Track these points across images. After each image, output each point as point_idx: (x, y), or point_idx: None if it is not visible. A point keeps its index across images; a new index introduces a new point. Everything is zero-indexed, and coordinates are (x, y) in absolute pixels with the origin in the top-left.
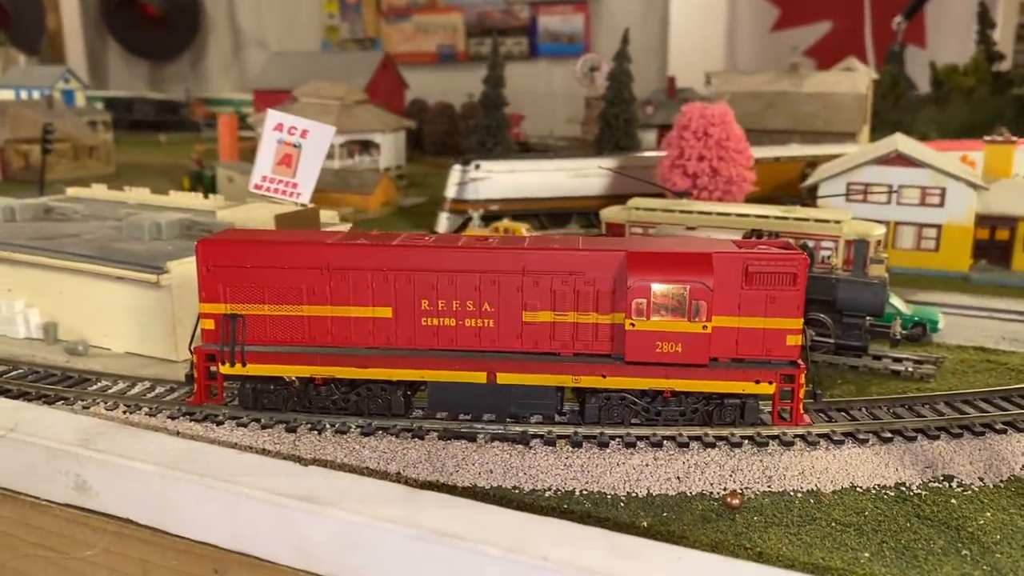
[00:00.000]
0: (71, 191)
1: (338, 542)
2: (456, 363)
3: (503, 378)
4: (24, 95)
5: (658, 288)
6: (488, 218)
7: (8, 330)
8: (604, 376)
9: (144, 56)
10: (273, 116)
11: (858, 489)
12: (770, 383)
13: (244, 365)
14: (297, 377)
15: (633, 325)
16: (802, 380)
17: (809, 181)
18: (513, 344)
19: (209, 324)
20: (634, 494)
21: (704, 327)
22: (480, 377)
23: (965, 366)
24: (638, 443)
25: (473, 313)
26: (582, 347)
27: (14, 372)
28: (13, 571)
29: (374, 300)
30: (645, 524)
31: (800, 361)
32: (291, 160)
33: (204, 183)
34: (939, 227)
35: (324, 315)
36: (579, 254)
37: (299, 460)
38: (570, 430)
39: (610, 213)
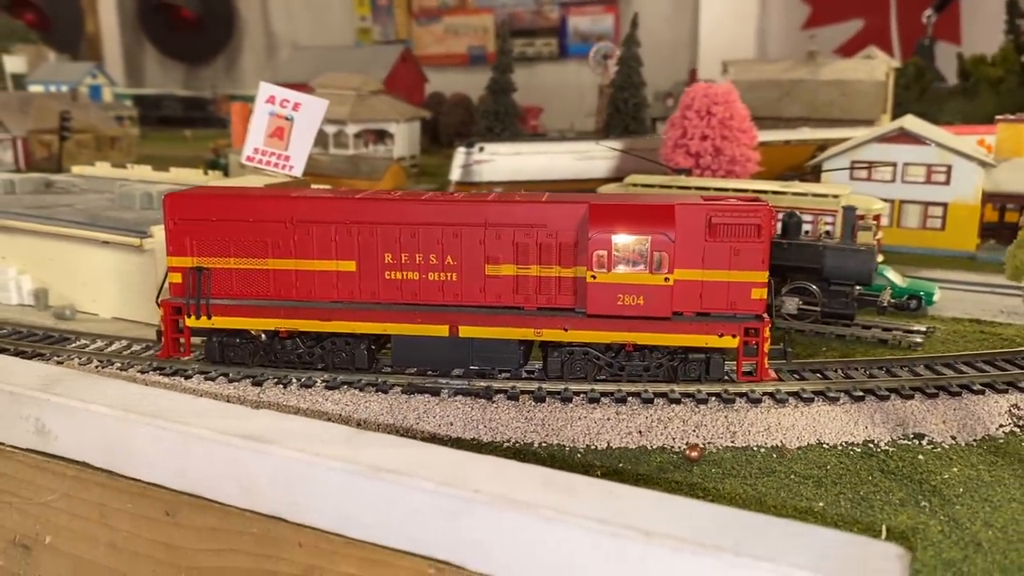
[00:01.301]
0: (76, 169)
1: (280, 480)
2: (418, 316)
3: (465, 331)
4: (53, 90)
5: (619, 240)
6: None
7: (2, 296)
8: (566, 330)
9: (179, 58)
10: (265, 88)
11: (824, 445)
12: (733, 336)
13: (209, 318)
14: (263, 331)
15: (594, 277)
16: (767, 334)
17: (814, 160)
18: (476, 298)
19: (176, 278)
20: (593, 447)
21: (666, 279)
22: (442, 331)
23: (957, 336)
24: (602, 399)
25: (436, 267)
26: (545, 301)
27: None
28: None
29: (338, 253)
30: (599, 473)
31: (765, 315)
32: (283, 133)
33: (219, 169)
34: (945, 205)
35: (288, 268)
36: (541, 206)
37: (252, 404)
38: (534, 385)
39: (608, 190)
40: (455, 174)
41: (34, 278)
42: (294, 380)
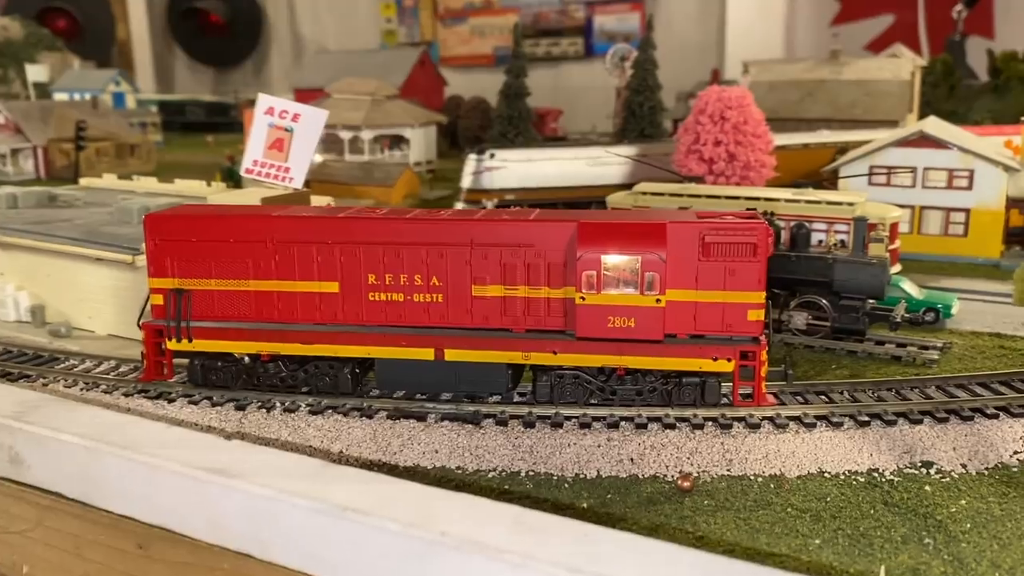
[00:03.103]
0: (83, 181)
1: (246, 515)
2: (403, 339)
3: (451, 354)
4: (77, 98)
5: (609, 260)
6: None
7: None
8: (555, 353)
9: (208, 63)
10: (264, 100)
11: (826, 474)
12: (728, 360)
13: (190, 341)
14: (245, 354)
15: (584, 299)
16: (763, 357)
17: (831, 165)
18: (463, 320)
19: (158, 299)
20: (582, 475)
21: (658, 300)
22: (428, 354)
23: (975, 352)
24: (594, 424)
25: (421, 288)
26: (534, 323)
27: None
28: None
29: (320, 274)
30: (585, 506)
31: (762, 337)
32: (283, 144)
33: (234, 177)
34: (967, 211)
35: (270, 290)
36: (528, 225)
37: (224, 433)
38: (524, 410)
39: (616, 199)
40: (466, 181)
41: (32, 294)
42: (277, 404)
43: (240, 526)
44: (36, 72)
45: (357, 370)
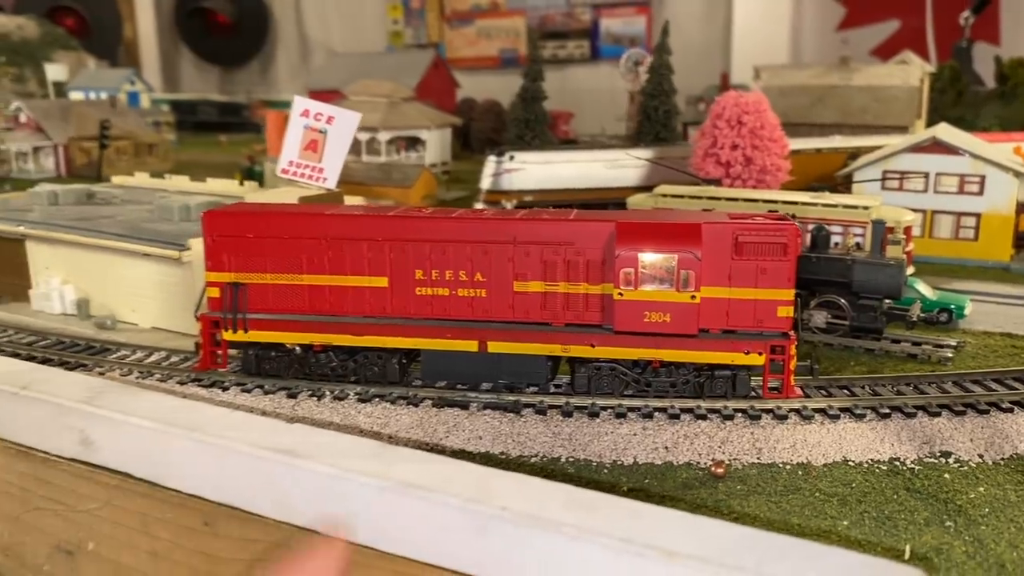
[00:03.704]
0: (116, 179)
1: (313, 493)
2: (448, 332)
3: (494, 347)
4: (92, 96)
5: (646, 258)
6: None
7: (45, 306)
8: (593, 346)
9: (215, 62)
10: (300, 102)
11: (850, 463)
12: (759, 354)
13: (246, 332)
14: (297, 344)
15: (621, 295)
16: (792, 351)
17: (845, 170)
18: (505, 314)
19: (214, 292)
20: (619, 462)
21: (693, 297)
22: (472, 346)
23: (988, 351)
24: (629, 414)
25: (466, 283)
26: (572, 317)
27: (43, 342)
28: (26, 524)
29: (370, 270)
30: (626, 489)
31: (791, 332)
32: (317, 145)
33: (254, 176)
34: (978, 216)
35: (322, 284)
36: (569, 224)
37: (286, 417)
38: (562, 400)
39: (637, 200)
40: (485, 183)
41: (76, 288)
42: (327, 393)
43: (306, 503)
44: (55, 71)
45: (404, 360)
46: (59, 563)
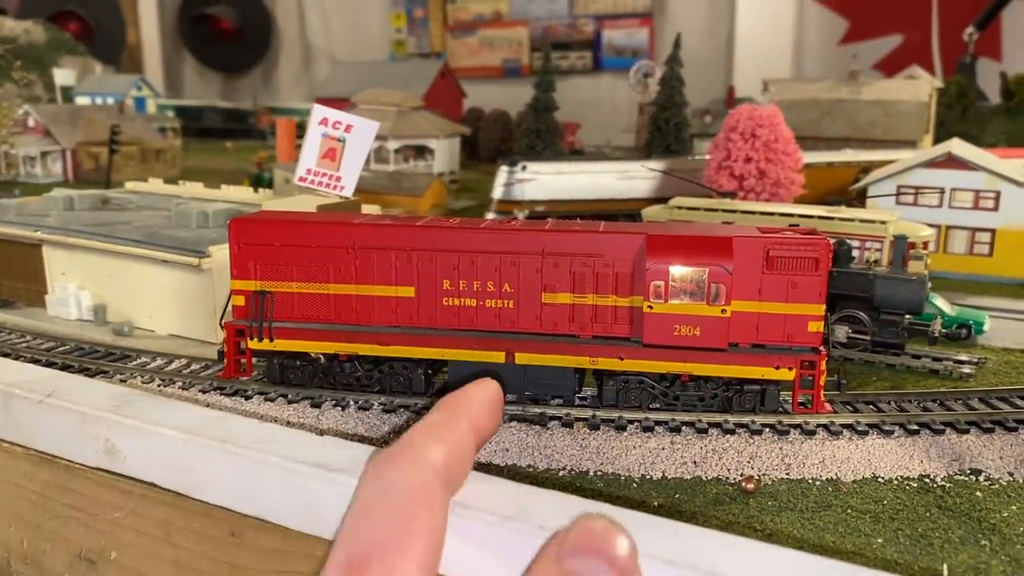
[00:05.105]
0: (129, 185)
1: (345, 507)
2: (475, 343)
3: (521, 358)
4: (99, 102)
5: (676, 271)
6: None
7: (61, 311)
8: (622, 359)
9: (218, 69)
10: (318, 111)
11: (880, 479)
12: (790, 369)
13: (271, 340)
14: (322, 353)
15: (651, 308)
16: (823, 367)
17: (859, 184)
18: (532, 325)
19: (239, 300)
20: (648, 476)
21: (723, 311)
22: (499, 357)
23: (1009, 367)
24: (656, 428)
25: (493, 294)
26: (601, 329)
27: (62, 348)
28: (48, 531)
29: (397, 279)
30: (656, 504)
31: (822, 348)
32: (335, 154)
33: (263, 184)
34: (993, 231)
35: (349, 293)
36: (599, 236)
37: (317, 429)
38: (589, 413)
39: (652, 212)
40: (497, 192)
41: (93, 294)
42: (352, 403)
43: (338, 516)
44: (64, 76)
45: (429, 371)
46: (80, 572)
